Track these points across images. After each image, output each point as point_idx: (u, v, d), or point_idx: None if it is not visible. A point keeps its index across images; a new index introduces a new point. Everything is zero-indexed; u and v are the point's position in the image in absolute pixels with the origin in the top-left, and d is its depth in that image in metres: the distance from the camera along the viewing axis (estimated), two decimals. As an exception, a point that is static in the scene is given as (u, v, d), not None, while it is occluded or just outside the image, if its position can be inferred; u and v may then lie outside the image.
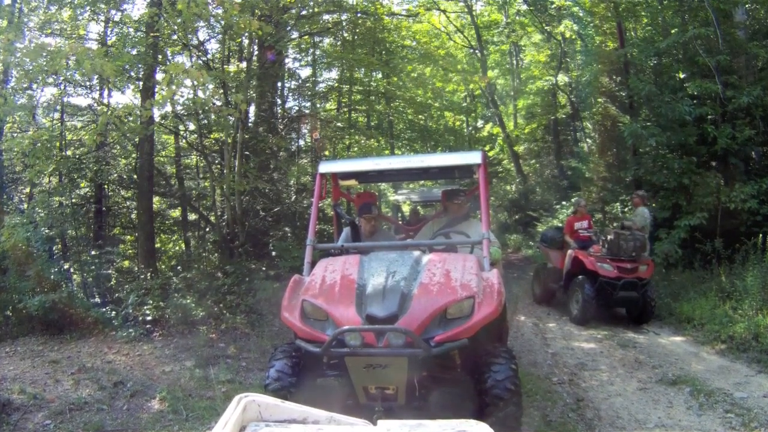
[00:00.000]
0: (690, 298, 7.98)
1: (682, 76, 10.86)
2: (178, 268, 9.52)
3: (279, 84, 12.54)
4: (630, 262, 7.67)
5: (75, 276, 8.40)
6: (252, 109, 10.97)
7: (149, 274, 8.33)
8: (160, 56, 8.34)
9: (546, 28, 18.52)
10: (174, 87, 6.22)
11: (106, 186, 10.39)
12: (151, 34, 7.45)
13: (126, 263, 10.19)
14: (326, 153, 12.72)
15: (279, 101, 13.04)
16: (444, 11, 20.32)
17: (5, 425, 4.49)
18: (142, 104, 7.32)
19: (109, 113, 7.87)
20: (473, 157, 4.55)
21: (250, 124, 10.74)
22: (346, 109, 14.65)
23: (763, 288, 6.95)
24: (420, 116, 16.79)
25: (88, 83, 9.26)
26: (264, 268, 9.53)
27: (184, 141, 11.24)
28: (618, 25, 12.28)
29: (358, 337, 3.15)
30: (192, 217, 11.76)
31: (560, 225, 11.50)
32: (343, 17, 12.83)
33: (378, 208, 5.29)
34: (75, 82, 9.15)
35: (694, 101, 9.94)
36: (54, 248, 8.78)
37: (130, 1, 11.21)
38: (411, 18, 16.37)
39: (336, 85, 14.35)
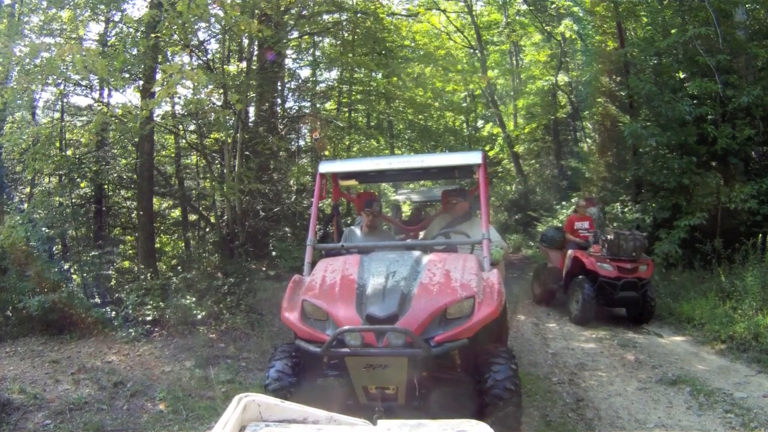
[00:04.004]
0: (690, 298, 7.98)
1: (682, 75, 10.86)
2: (178, 268, 9.51)
3: (279, 84, 12.54)
4: (630, 262, 7.67)
5: (75, 276, 8.39)
6: (252, 109, 10.97)
7: (149, 274, 8.33)
8: (160, 57, 8.34)
9: (546, 28, 18.53)
10: (170, 87, 6.21)
11: (106, 186, 10.38)
12: (152, 36, 7.45)
13: (126, 263, 10.17)
14: (326, 153, 12.71)
15: (279, 101, 13.05)
16: (444, 11, 20.33)
17: (5, 425, 4.49)
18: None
19: (108, 113, 7.87)
20: (473, 157, 4.55)
21: (250, 124, 10.74)
22: (346, 109, 14.65)
23: (763, 288, 6.95)
24: (420, 116, 16.78)
25: (86, 83, 9.25)
26: (264, 268, 9.54)
27: (184, 141, 11.23)
28: (618, 25, 12.27)
29: (358, 337, 3.15)
30: (192, 217, 11.75)
31: (560, 225, 11.51)
32: (343, 17, 12.83)
33: (380, 205, 5.29)
34: (73, 82, 9.15)
35: (694, 101, 9.94)
36: (54, 248, 8.77)
37: (130, 1, 11.20)
38: (411, 18, 16.37)
39: (336, 85, 14.35)
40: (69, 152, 9.83)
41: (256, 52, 10.44)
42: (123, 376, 5.61)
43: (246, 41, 10.52)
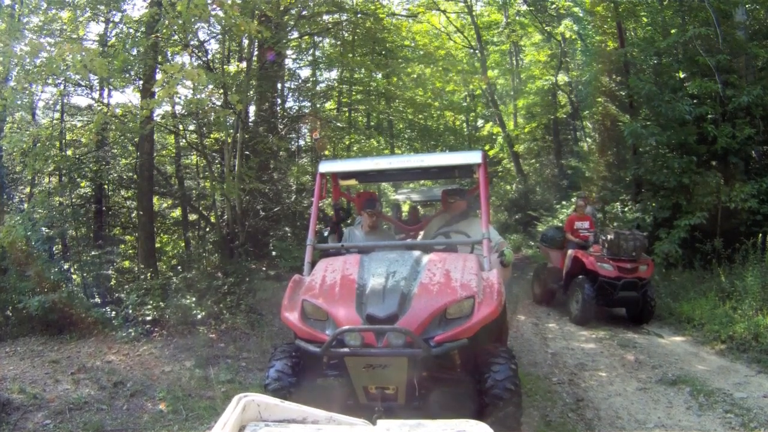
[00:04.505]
0: (690, 298, 7.98)
1: (682, 75, 10.87)
2: (178, 268, 9.51)
3: (279, 84, 12.54)
4: (630, 262, 7.67)
5: (75, 276, 8.39)
6: (252, 109, 10.97)
7: (149, 274, 8.32)
8: (160, 57, 8.34)
9: (546, 28, 18.53)
10: (170, 87, 6.21)
11: (106, 186, 10.38)
12: (153, 35, 7.45)
13: (126, 263, 10.18)
14: (326, 153, 12.71)
15: (279, 101, 13.05)
16: (444, 11, 20.32)
17: (5, 425, 4.49)
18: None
19: (109, 113, 7.87)
20: (473, 157, 4.54)
21: (250, 124, 10.74)
22: (346, 109, 14.65)
23: (763, 288, 6.95)
24: (420, 116, 16.79)
25: (85, 83, 9.25)
26: (264, 268, 9.52)
27: (184, 141, 11.24)
28: (618, 24, 12.28)
29: (358, 337, 3.15)
30: (192, 217, 11.75)
31: (560, 225, 11.51)
32: (343, 18, 12.83)
33: (381, 205, 5.29)
34: (73, 82, 9.15)
35: (694, 101, 9.94)
36: (54, 248, 8.77)
37: (130, 1, 11.19)
38: (411, 18, 16.37)
39: (336, 85, 14.36)
40: (69, 152, 9.83)
41: (256, 53, 10.44)
42: (123, 376, 5.61)
43: (246, 41, 10.52)
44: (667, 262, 9.40)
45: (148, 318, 7.24)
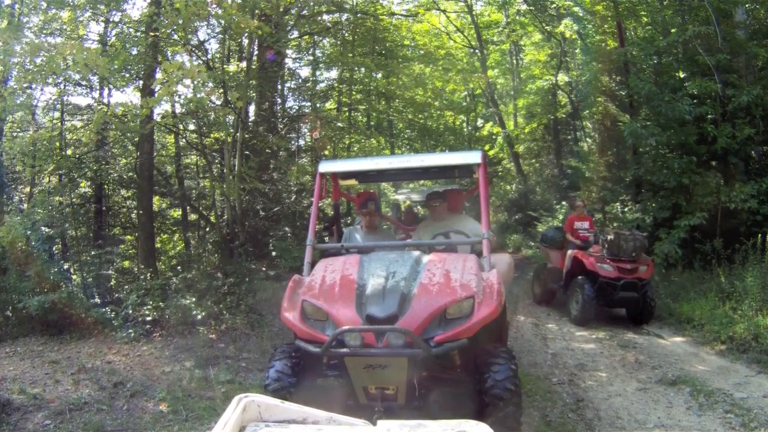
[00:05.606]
0: (690, 298, 7.98)
1: (682, 75, 10.86)
2: (178, 268, 9.50)
3: (279, 84, 12.54)
4: (630, 262, 7.67)
5: (75, 276, 8.39)
6: (252, 108, 10.97)
7: (149, 274, 8.32)
8: (159, 56, 8.33)
9: (546, 27, 18.52)
10: (171, 85, 6.21)
11: (106, 186, 10.38)
12: (151, 34, 7.45)
13: (126, 263, 10.17)
14: (326, 153, 12.72)
15: (279, 101, 13.05)
16: (444, 11, 20.31)
17: (5, 425, 4.49)
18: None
19: (109, 113, 7.87)
20: (473, 157, 4.55)
21: (250, 124, 10.74)
22: (346, 109, 14.65)
23: (763, 288, 6.95)
24: (420, 116, 16.79)
25: (85, 82, 9.24)
26: (264, 268, 9.52)
27: (184, 141, 11.24)
28: (618, 24, 12.28)
29: (358, 338, 3.15)
30: (192, 217, 11.75)
31: (560, 225, 11.51)
32: (343, 17, 12.84)
33: (379, 205, 5.28)
34: (73, 82, 9.15)
35: (694, 100, 9.93)
36: (54, 248, 8.77)
37: (130, 1, 11.19)
38: (411, 18, 16.37)
39: (336, 84, 14.36)
40: (69, 152, 9.83)
41: (256, 52, 10.44)
42: (123, 376, 5.60)
43: (246, 41, 10.52)
44: (667, 262, 9.40)
45: (148, 318, 7.24)
